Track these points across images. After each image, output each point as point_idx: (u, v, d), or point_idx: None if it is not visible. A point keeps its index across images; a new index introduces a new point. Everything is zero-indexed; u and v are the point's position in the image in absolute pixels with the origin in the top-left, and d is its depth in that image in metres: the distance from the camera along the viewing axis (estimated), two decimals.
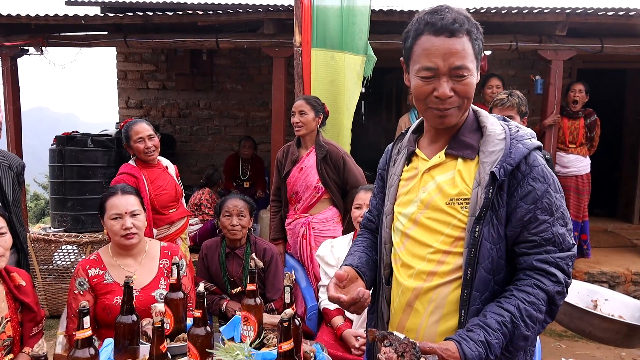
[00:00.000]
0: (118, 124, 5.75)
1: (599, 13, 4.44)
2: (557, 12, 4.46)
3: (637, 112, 6.72)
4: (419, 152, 1.40)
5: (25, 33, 4.82)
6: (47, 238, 4.26)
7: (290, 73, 4.17)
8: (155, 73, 6.92)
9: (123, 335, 1.67)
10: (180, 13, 4.72)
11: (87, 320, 1.41)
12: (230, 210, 2.78)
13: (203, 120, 7.01)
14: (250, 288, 1.81)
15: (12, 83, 4.88)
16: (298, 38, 3.79)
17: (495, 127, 1.32)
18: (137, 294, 2.10)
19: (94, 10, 6.10)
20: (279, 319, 1.36)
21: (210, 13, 4.66)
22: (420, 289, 1.32)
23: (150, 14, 4.68)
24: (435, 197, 1.31)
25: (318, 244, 3.04)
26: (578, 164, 4.91)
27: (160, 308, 1.89)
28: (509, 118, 1.44)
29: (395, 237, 1.42)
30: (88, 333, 1.43)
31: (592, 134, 4.99)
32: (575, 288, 2.30)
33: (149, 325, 1.83)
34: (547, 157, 2.58)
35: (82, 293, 2.13)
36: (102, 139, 4.93)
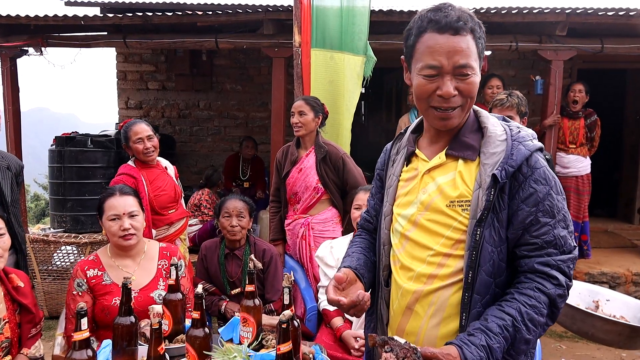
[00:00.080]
0: (118, 125, 5.74)
1: (599, 13, 4.43)
2: (557, 12, 4.45)
3: (637, 112, 6.72)
4: (419, 152, 1.38)
5: (25, 33, 4.81)
6: (46, 239, 4.26)
7: (290, 73, 4.16)
8: (155, 73, 6.92)
9: (121, 337, 1.66)
10: (180, 13, 4.72)
11: (84, 322, 1.41)
12: (230, 211, 2.77)
13: (203, 121, 7.01)
14: (249, 289, 1.80)
15: (11, 84, 4.87)
16: (297, 38, 3.78)
17: (496, 127, 1.30)
18: (135, 295, 2.09)
19: (94, 11, 6.11)
20: (278, 321, 1.35)
21: (210, 13, 4.66)
22: (421, 292, 1.31)
23: (150, 15, 4.68)
24: (436, 198, 1.29)
25: (317, 245, 3.04)
26: (578, 165, 4.91)
27: (158, 309, 1.88)
28: (509, 118, 1.41)
29: (394, 238, 1.40)
30: (86, 334, 1.42)
31: (592, 134, 4.98)
32: (577, 289, 2.28)
33: (148, 327, 1.82)
34: (547, 157, 2.57)
35: (80, 294, 2.13)
36: (101, 140, 4.92)
